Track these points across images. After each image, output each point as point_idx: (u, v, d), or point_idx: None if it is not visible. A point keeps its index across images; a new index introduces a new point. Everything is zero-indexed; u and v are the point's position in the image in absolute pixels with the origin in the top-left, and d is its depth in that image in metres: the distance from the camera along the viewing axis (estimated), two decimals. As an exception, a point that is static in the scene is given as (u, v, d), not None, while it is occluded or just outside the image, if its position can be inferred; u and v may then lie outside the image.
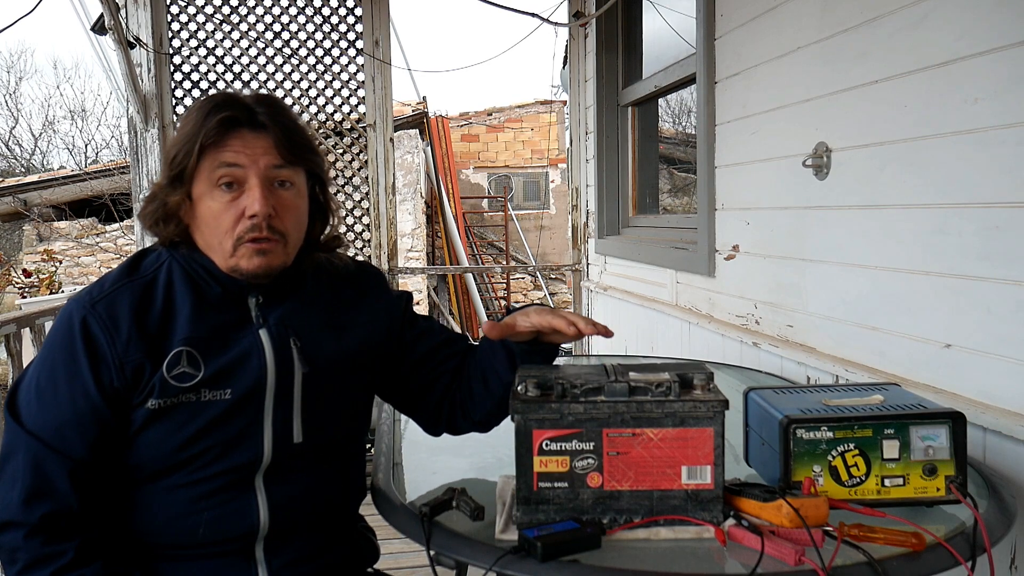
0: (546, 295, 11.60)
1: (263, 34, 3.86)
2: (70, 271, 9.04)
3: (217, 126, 1.14)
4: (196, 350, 1.15)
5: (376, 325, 1.32)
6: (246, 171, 1.16)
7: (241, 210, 1.16)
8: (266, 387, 1.18)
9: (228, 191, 1.16)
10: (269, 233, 1.17)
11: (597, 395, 1.06)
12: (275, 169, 1.17)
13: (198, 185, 1.16)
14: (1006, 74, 1.42)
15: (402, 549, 2.71)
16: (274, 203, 1.17)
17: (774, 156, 2.26)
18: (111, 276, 1.21)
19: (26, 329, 2.46)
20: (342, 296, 1.31)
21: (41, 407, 1.13)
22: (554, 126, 11.87)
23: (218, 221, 1.16)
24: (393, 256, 4.09)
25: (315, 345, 1.24)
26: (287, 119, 1.20)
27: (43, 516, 1.10)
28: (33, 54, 35.08)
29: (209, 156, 1.15)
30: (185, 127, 1.17)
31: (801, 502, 1.02)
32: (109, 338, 1.13)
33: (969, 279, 1.52)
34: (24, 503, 1.10)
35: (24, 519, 1.10)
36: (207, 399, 1.14)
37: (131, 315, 1.15)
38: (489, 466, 1.35)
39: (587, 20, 3.99)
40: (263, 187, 1.16)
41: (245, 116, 1.16)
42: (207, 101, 1.18)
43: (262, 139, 1.17)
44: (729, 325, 2.56)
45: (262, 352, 1.19)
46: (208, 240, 1.19)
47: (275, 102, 1.21)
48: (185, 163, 1.15)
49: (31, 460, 1.11)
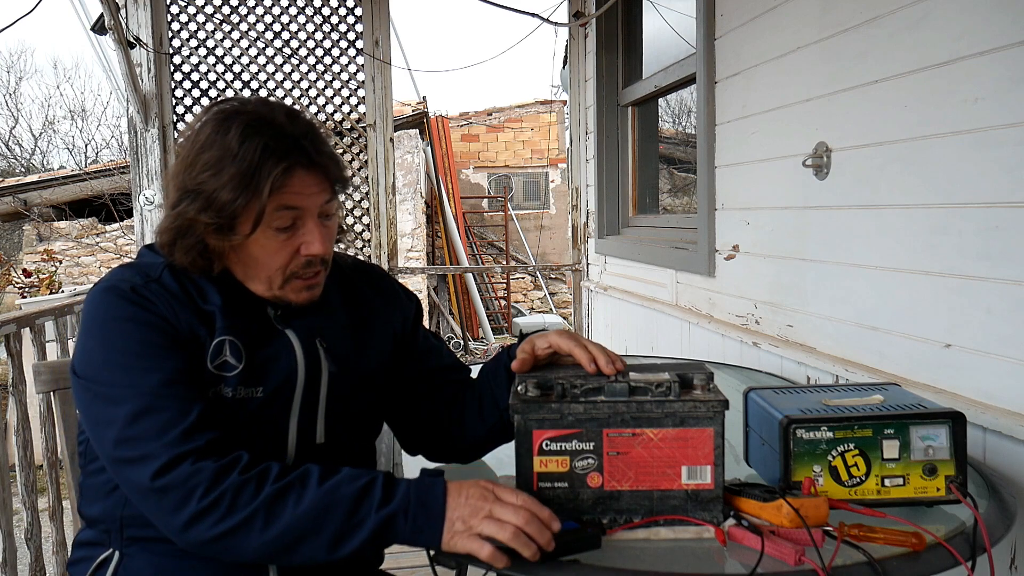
0: (546, 295, 11.60)
1: (263, 34, 3.86)
2: (70, 271, 9.04)
3: (283, 173, 1.09)
4: (239, 341, 1.14)
5: (389, 326, 1.33)
6: (303, 211, 1.14)
7: (296, 247, 1.15)
8: (296, 387, 1.18)
9: (284, 232, 1.13)
10: (321, 266, 1.18)
11: (597, 395, 1.06)
12: (326, 205, 1.17)
13: (251, 226, 1.11)
14: (1006, 74, 1.41)
15: (402, 549, 2.70)
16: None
17: (774, 156, 2.26)
18: (146, 263, 1.17)
19: (26, 329, 2.46)
20: (356, 296, 1.31)
21: (147, 365, 1.06)
22: (554, 126, 11.87)
23: (271, 259, 1.15)
24: (393, 256, 4.09)
25: (339, 346, 1.24)
26: (328, 148, 1.17)
27: (210, 441, 1.03)
28: (33, 54, 35.12)
29: (272, 200, 1.10)
30: (226, 160, 1.08)
31: (801, 502, 1.02)
32: (171, 310, 1.11)
33: (969, 279, 1.52)
34: (184, 435, 1.02)
35: (191, 448, 1.01)
36: (241, 396, 1.13)
37: (183, 293, 1.13)
38: (489, 466, 1.35)
39: (587, 20, 3.99)
40: (319, 226, 1.15)
41: (304, 158, 1.11)
42: (250, 131, 1.09)
43: (318, 177, 1.14)
44: (729, 325, 2.55)
45: (292, 352, 1.18)
46: (253, 274, 1.17)
47: (314, 130, 1.16)
48: (248, 209, 1.09)
49: (174, 404, 1.04)
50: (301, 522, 0.99)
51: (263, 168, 1.08)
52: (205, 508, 0.99)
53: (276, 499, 0.99)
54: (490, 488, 1.01)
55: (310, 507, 0.99)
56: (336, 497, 1.00)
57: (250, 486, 1.00)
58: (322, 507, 0.99)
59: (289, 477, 1.02)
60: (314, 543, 0.99)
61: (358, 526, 0.99)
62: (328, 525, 0.99)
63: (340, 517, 0.99)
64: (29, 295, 6.79)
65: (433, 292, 10.31)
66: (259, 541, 0.99)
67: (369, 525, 0.99)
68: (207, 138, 1.11)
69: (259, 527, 0.99)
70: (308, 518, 0.99)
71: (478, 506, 0.99)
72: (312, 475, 1.02)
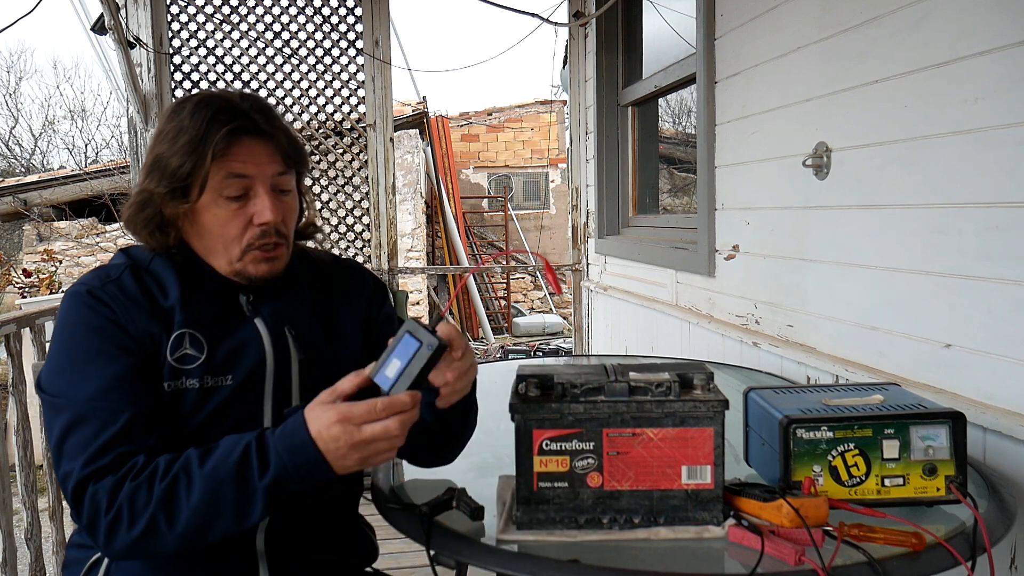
0: (546, 295, 11.60)
1: (263, 34, 3.86)
2: (70, 271, 9.04)
3: (226, 136, 1.14)
4: (199, 333, 1.16)
5: (358, 315, 1.33)
6: (254, 180, 1.17)
7: (248, 217, 1.17)
8: (265, 374, 1.19)
9: (235, 200, 1.17)
10: (277, 238, 1.19)
11: (597, 395, 1.06)
12: (279, 176, 1.20)
13: (203, 195, 1.15)
14: (1006, 74, 1.41)
15: (402, 549, 2.71)
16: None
17: (774, 156, 2.26)
18: (111, 265, 1.22)
19: (26, 329, 2.46)
20: (327, 289, 1.32)
21: (87, 373, 1.10)
22: (554, 126, 11.87)
23: (225, 229, 1.17)
24: (393, 256, 4.09)
25: (308, 334, 1.25)
26: (281, 123, 1.22)
27: (118, 456, 1.06)
28: (33, 54, 35.08)
29: (216, 166, 1.14)
30: (179, 133, 1.15)
31: (801, 502, 1.02)
32: (125, 311, 1.13)
33: (969, 279, 1.52)
34: (99, 450, 1.06)
35: (97, 467, 1.05)
36: (210, 385, 1.15)
37: (140, 293, 1.16)
38: (489, 466, 1.35)
39: (587, 20, 3.99)
40: (270, 194, 1.18)
41: (251, 124, 1.16)
42: (202, 104, 1.16)
43: (267, 146, 1.18)
44: (729, 325, 2.55)
45: (260, 340, 1.20)
46: (210, 246, 1.20)
47: (267, 106, 1.21)
48: (194, 174, 1.14)
49: (102, 414, 1.07)
50: (199, 510, 1.02)
51: (209, 134, 1.13)
52: (111, 523, 1.03)
53: (168, 496, 1.03)
54: (348, 417, 1.00)
55: (201, 495, 1.02)
56: (220, 477, 1.02)
57: (141, 491, 1.03)
58: (211, 491, 1.02)
59: (174, 470, 1.04)
60: (222, 523, 1.03)
61: (252, 496, 1.02)
62: (225, 505, 1.02)
63: (232, 495, 1.02)
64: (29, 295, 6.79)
65: (433, 292, 10.31)
66: (172, 536, 1.03)
67: (260, 495, 1.02)
68: (166, 119, 1.19)
69: (165, 526, 1.02)
70: (204, 505, 1.02)
71: (352, 441, 0.99)
72: (193, 461, 1.04)
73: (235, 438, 1.05)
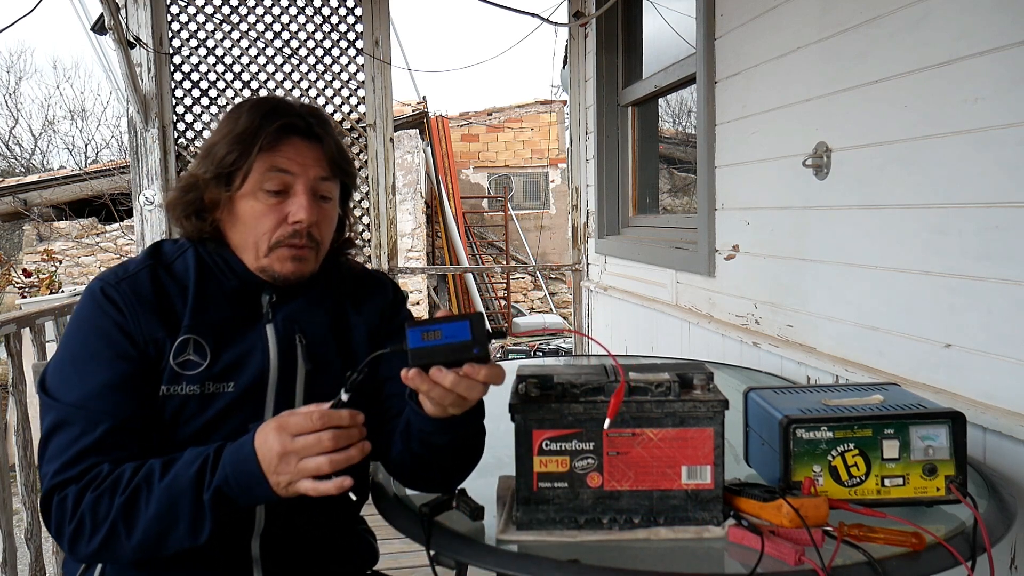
0: (546, 295, 11.60)
1: (263, 34, 3.86)
2: (70, 271, 9.04)
3: (276, 131, 1.17)
4: (204, 339, 1.16)
5: (367, 327, 1.31)
6: (295, 178, 1.19)
7: (284, 215, 1.19)
8: (268, 383, 1.19)
9: (274, 196, 1.18)
10: (307, 241, 1.20)
11: (597, 395, 1.06)
12: (321, 181, 1.21)
13: (245, 185, 1.18)
14: (1006, 74, 1.42)
15: (402, 549, 2.71)
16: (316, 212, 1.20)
17: (774, 156, 2.26)
18: (135, 260, 1.22)
19: (26, 329, 2.46)
20: (348, 299, 1.31)
21: (81, 376, 1.11)
22: (554, 126, 11.87)
23: (258, 222, 1.19)
24: (393, 256, 4.09)
25: (320, 344, 1.24)
26: (334, 133, 1.24)
27: (85, 469, 1.07)
28: (33, 54, 35.00)
29: (261, 159, 1.17)
30: (233, 126, 1.18)
31: (801, 502, 1.02)
32: (133, 313, 1.14)
33: (969, 279, 1.52)
34: (74, 458, 1.07)
35: (67, 477, 1.06)
36: (211, 391, 1.15)
37: (153, 295, 1.16)
38: (489, 466, 1.35)
39: (587, 20, 3.99)
40: (309, 196, 1.19)
41: (302, 125, 1.20)
42: (260, 104, 1.20)
43: (314, 150, 1.20)
44: (729, 325, 2.56)
45: (266, 347, 1.20)
46: (243, 238, 1.20)
47: (324, 115, 1.25)
48: (238, 163, 1.17)
49: (83, 422, 1.08)
50: (155, 522, 1.03)
51: (261, 128, 1.17)
52: (75, 531, 1.05)
53: (128, 507, 1.03)
54: (284, 426, 0.99)
55: (157, 507, 1.03)
56: (176, 490, 1.03)
57: (103, 501, 1.04)
58: (168, 503, 1.02)
59: (136, 479, 1.05)
60: (176, 535, 1.03)
61: (202, 510, 1.02)
62: (180, 518, 1.03)
63: (187, 508, 1.02)
64: (29, 295, 6.79)
65: (433, 292, 10.31)
66: (130, 546, 1.04)
67: (207, 509, 1.02)
68: (227, 115, 1.23)
69: (123, 535, 1.04)
70: (161, 516, 1.03)
71: (283, 450, 0.98)
72: (155, 472, 1.05)
73: (198, 450, 1.05)
